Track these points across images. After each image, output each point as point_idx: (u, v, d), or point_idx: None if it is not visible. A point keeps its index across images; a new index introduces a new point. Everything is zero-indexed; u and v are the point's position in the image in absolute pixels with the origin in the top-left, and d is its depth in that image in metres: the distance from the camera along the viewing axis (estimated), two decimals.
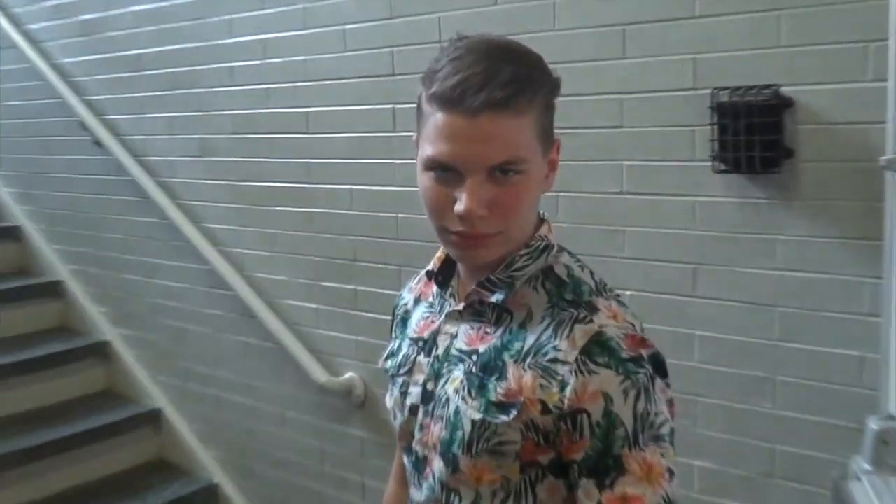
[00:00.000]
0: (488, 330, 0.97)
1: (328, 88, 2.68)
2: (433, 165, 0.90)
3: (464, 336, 0.99)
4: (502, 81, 0.86)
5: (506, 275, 0.97)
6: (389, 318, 1.20)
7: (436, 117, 0.89)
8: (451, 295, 1.04)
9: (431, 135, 0.90)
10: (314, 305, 2.85)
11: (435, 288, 1.07)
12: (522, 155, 0.89)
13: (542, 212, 1.02)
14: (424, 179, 0.93)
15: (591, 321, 0.91)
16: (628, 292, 2.06)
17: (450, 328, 1.02)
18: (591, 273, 0.99)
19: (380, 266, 2.63)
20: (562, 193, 2.15)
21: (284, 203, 2.89)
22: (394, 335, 1.16)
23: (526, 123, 0.89)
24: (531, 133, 0.91)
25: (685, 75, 1.96)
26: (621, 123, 2.08)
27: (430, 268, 1.08)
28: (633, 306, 0.96)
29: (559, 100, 0.97)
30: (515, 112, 0.88)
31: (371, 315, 2.65)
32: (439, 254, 1.07)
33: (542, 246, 0.98)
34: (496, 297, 0.97)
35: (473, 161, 0.87)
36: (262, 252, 2.99)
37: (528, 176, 0.91)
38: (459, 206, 0.88)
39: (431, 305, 1.08)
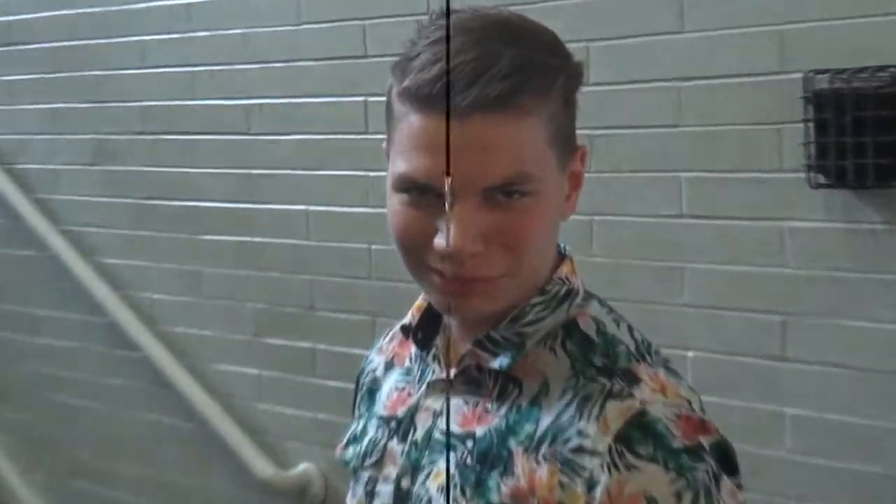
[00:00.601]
0: (489, 406, 0.97)
1: (277, 74, 2.71)
2: (406, 185, 0.92)
3: (455, 414, 0.99)
4: (501, 72, 0.87)
5: (512, 331, 0.98)
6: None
7: (409, 121, 0.91)
8: (435, 357, 1.05)
9: (404, 144, 0.92)
10: (256, 371, 2.87)
11: (413, 348, 1.09)
12: (531, 170, 0.91)
13: (562, 245, 1.03)
14: (395, 202, 0.94)
15: (631, 396, 0.92)
16: (689, 354, 2.07)
17: (432, 403, 1.03)
18: (631, 329, 1.01)
19: (347, 316, 2.67)
20: (597, 218, 2.18)
21: (215, 230, 2.90)
22: (358, 413, 1.16)
23: (535, 127, 0.91)
24: (543, 139, 0.92)
25: (768, 54, 1.97)
26: (678, 121, 2.09)
27: (406, 321, 1.09)
28: (693, 374, 0.98)
29: (588, 91, 0.98)
30: (519, 112, 0.89)
31: (334, 384, 2.66)
32: (419, 301, 1.08)
33: (562, 292, 1.00)
34: (499, 363, 0.97)
35: (463, 180, 0.88)
36: (182, 298, 3.00)
37: (539, 198, 0.92)
38: (441, 240, 0.89)
39: (408, 372, 1.10)
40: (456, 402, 1.00)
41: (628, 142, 2.15)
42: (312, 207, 2.71)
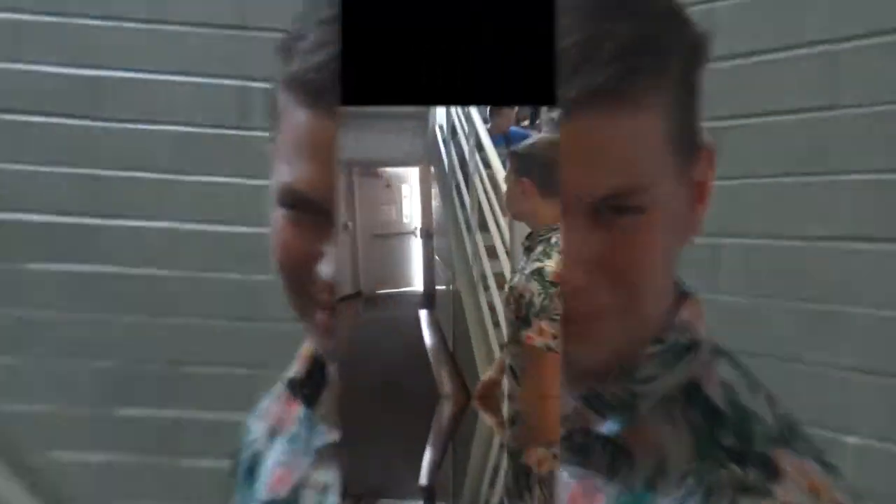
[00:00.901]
0: (598, 483, 0.95)
1: (135, 39, 2.64)
2: (289, 198, 0.91)
3: (562, 490, 0.98)
4: (608, 55, 0.84)
5: (623, 388, 0.96)
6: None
7: (294, 117, 0.89)
8: (324, 418, 1.09)
9: (288, 146, 0.90)
10: (102, 456, 2.77)
11: (300, 409, 1.11)
12: (643, 178, 0.86)
13: (683, 281, 1.02)
14: (277, 219, 0.94)
15: (769, 494, 0.85)
16: (850, 440, 1.96)
17: (321, 476, 1.04)
18: (771, 399, 0.95)
19: (223, 372, 2.68)
20: (726, 240, 2.13)
21: (45, 254, 2.78)
22: (236, 500, 1.17)
23: (649, 122, 0.86)
24: (658, 138, 0.87)
25: None
26: (835, 101, 2.01)
27: (290, 374, 1.12)
28: (856, 470, 1.07)
29: (713, 69, 0.93)
30: (630, 104, 0.84)
31: (208, 464, 2.59)
32: (304, 350, 1.12)
33: (684, 343, 0.96)
34: (608, 427, 0.95)
35: (567, 192, 0.87)
36: None
37: (653, 214, 0.87)
38: (327, 268, 0.93)
39: (293, 439, 1.11)
40: (562, 474, 0.98)
41: (767, 134, 2.05)
42: (180, 225, 2.68)
